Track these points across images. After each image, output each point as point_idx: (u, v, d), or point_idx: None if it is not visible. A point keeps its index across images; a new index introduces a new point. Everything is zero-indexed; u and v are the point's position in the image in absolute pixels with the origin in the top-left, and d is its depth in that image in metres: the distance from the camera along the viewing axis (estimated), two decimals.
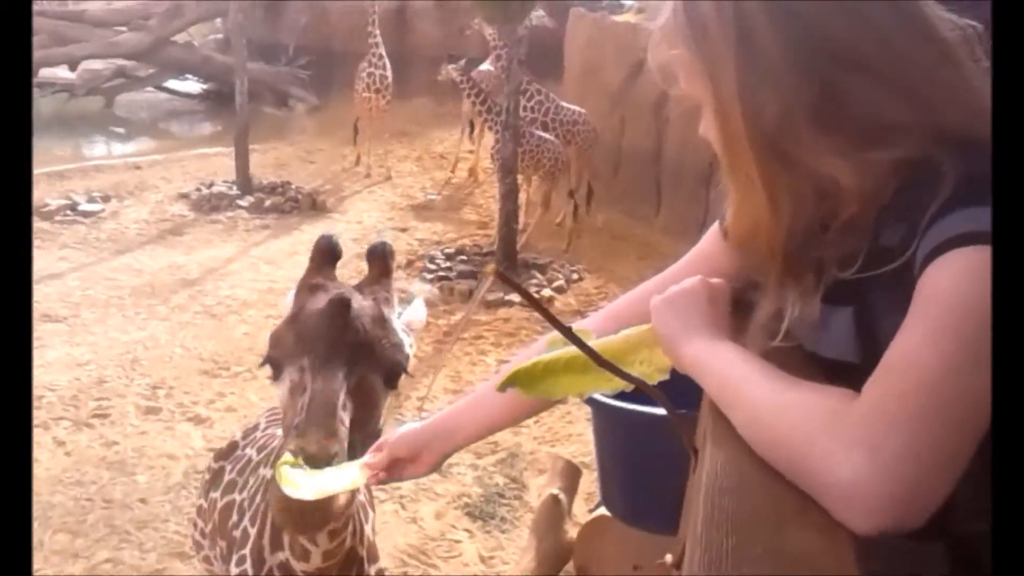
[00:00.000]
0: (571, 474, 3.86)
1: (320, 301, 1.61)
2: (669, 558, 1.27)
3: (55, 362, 5.68)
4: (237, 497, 2.19)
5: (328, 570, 1.87)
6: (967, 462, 0.89)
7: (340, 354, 1.54)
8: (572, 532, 3.38)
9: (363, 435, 1.60)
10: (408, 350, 1.72)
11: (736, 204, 1.19)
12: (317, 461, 1.40)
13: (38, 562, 3.70)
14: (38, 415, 4.95)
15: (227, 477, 2.34)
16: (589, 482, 3.84)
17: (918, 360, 0.91)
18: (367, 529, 2.06)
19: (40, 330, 6.19)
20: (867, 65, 1.03)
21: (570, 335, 1.12)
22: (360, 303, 1.62)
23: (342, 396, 1.50)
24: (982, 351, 0.87)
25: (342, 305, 1.56)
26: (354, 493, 1.78)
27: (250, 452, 2.34)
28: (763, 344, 1.14)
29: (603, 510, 2.39)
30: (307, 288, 1.68)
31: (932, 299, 0.94)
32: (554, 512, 3.59)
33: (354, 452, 1.54)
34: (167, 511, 4.07)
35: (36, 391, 5.20)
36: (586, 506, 3.83)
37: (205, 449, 4.65)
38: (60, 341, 6.06)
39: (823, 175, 1.05)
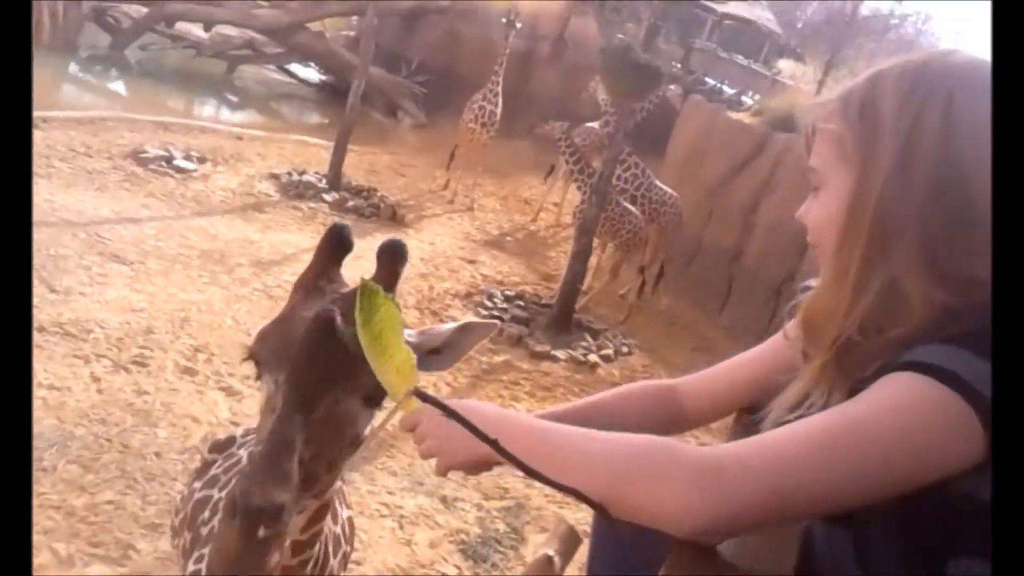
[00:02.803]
0: (571, 540, 3.81)
1: (313, 308, 1.42)
2: None
3: (112, 302, 5.84)
4: (215, 494, 2.11)
5: None
6: (790, 520, 1.04)
7: (313, 380, 1.33)
8: None
9: (327, 459, 1.40)
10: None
11: (822, 287, 1.23)
12: (254, 517, 1.20)
13: (47, 487, 3.79)
14: (83, 348, 5.08)
15: (213, 471, 2.25)
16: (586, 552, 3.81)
17: (790, 440, 1.01)
18: (333, 562, 1.94)
19: (106, 268, 6.38)
20: (975, 227, 1.08)
21: (497, 447, 1.12)
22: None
23: (298, 443, 1.28)
24: (850, 467, 0.97)
25: (326, 325, 1.32)
26: (319, 516, 1.64)
27: (242, 453, 2.25)
28: (778, 417, 1.19)
29: None
30: (303, 287, 1.53)
31: (858, 402, 1.02)
32: (545, 572, 3.56)
33: (317, 482, 1.40)
34: (177, 470, 4.13)
35: (87, 325, 5.35)
36: (579, 574, 3.79)
37: (228, 421, 4.73)
38: (122, 283, 6.22)
39: (902, 291, 1.11)
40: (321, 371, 1.33)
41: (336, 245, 1.58)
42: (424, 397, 1.17)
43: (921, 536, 1.07)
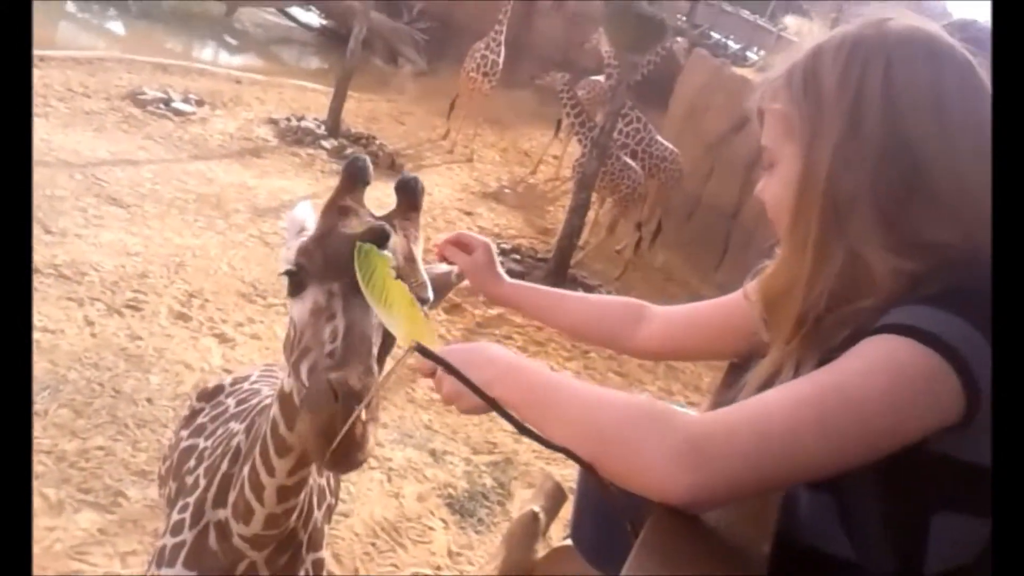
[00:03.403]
0: (557, 496, 3.88)
1: (352, 226, 1.51)
2: None
3: (107, 245, 5.82)
4: (201, 443, 2.10)
5: (265, 540, 1.79)
6: (773, 488, 1.05)
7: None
8: (542, 552, 3.40)
9: (380, 362, 1.48)
10: (429, 294, 1.59)
11: (780, 262, 1.25)
12: (354, 399, 1.29)
13: (37, 431, 3.81)
14: (77, 290, 5.08)
15: (200, 420, 2.25)
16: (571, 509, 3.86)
17: (777, 407, 1.01)
18: (317, 514, 1.98)
19: (102, 210, 6.36)
20: (935, 191, 1.10)
21: (494, 404, 1.14)
22: (393, 238, 1.51)
23: (376, 337, 1.42)
24: (837, 430, 0.98)
25: (382, 235, 1.44)
26: (306, 461, 1.69)
27: (230, 402, 2.26)
28: (750, 395, 1.21)
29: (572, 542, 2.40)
30: (336, 210, 1.57)
31: (836, 367, 1.03)
32: (530, 528, 3.61)
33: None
34: (169, 417, 4.15)
35: (82, 267, 5.34)
36: (563, 531, 3.84)
37: (221, 368, 4.75)
38: (118, 226, 6.21)
39: (863, 261, 1.12)
40: None
41: (356, 178, 1.63)
42: (424, 352, 1.19)
43: (902, 496, 1.09)
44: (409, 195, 1.64)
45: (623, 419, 1.03)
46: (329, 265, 1.47)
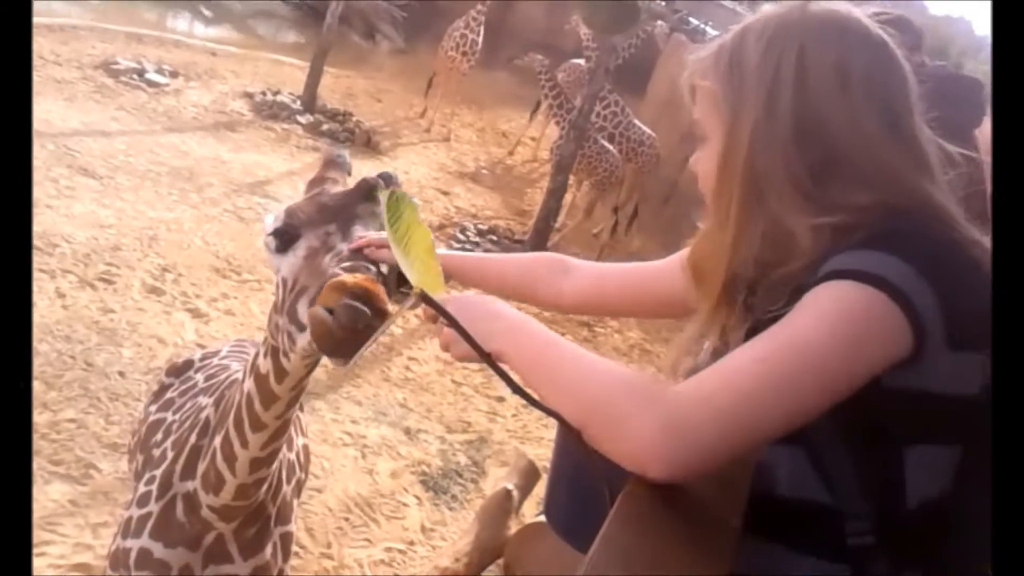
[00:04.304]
0: (530, 474, 3.90)
1: (334, 192, 1.62)
2: None
3: (79, 216, 5.75)
4: (169, 417, 2.11)
5: (235, 511, 1.81)
6: (747, 451, 1.06)
7: (372, 226, 1.53)
8: (515, 529, 3.42)
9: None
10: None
11: (706, 231, 1.33)
12: (371, 301, 1.33)
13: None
14: (48, 262, 5.02)
15: (168, 394, 2.26)
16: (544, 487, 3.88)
17: (744, 366, 1.04)
18: (286, 488, 2.00)
19: (74, 181, 6.28)
20: (849, 161, 1.18)
21: (489, 361, 1.16)
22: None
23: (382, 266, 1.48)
24: (799, 383, 1.02)
25: (373, 183, 1.56)
26: (279, 434, 1.73)
27: (199, 377, 2.27)
28: (677, 359, 1.29)
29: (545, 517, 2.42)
30: (319, 181, 1.70)
31: (787, 321, 1.07)
32: (503, 505, 3.64)
33: None
34: (140, 390, 4.12)
35: (53, 239, 5.27)
36: (536, 509, 3.87)
37: (194, 343, 4.72)
38: (89, 198, 6.13)
39: (784, 229, 1.19)
40: (373, 222, 1.55)
41: (337, 165, 1.76)
42: (427, 300, 1.20)
43: (869, 435, 1.13)
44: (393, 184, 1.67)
45: (611, 390, 1.05)
46: (323, 212, 1.55)
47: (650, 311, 1.74)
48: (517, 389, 1.12)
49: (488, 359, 1.15)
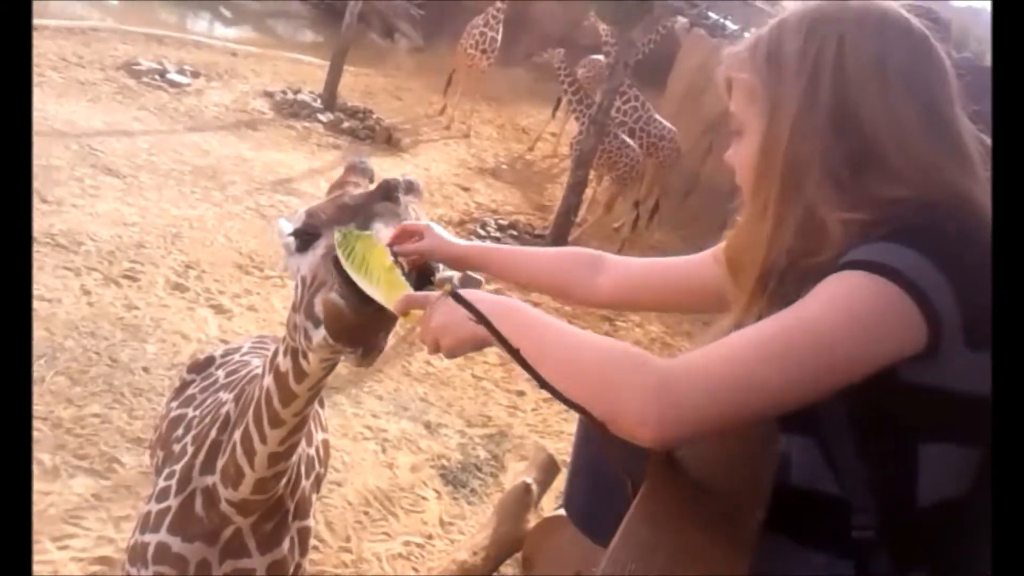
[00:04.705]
0: (549, 468, 3.91)
1: (355, 193, 1.62)
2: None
3: (103, 215, 5.82)
4: (190, 412, 2.12)
5: (254, 505, 1.82)
6: (742, 422, 1.08)
7: (392, 223, 1.53)
8: (534, 523, 3.43)
9: None
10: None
11: (743, 223, 1.32)
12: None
13: (34, 398, 3.81)
14: (73, 260, 5.08)
15: (190, 391, 2.27)
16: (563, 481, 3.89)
17: (743, 346, 1.06)
18: (305, 483, 2.01)
19: (98, 180, 6.35)
20: (885, 154, 1.17)
21: (518, 357, 1.16)
22: (404, 197, 1.60)
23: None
24: (800, 362, 1.03)
25: (395, 184, 1.56)
26: (297, 428, 1.75)
27: (219, 373, 2.28)
28: None
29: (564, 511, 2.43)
30: (341, 184, 1.70)
31: (796, 304, 1.09)
32: (522, 500, 3.65)
33: None
34: (164, 386, 4.16)
35: (78, 237, 5.35)
36: (555, 503, 3.87)
37: (218, 338, 4.76)
38: (113, 196, 6.20)
39: (817, 219, 1.19)
40: (395, 221, 1.54)
41: (359, 171, 1.76)
42: (457, 297, 1.23)
43: (878, 428, 1.15)
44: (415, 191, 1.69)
45: (603, 360, 1.08)
46: (343, 211, 1.55)
47: (684, 305, 1.76)
48: (543, 383, 1.13)
49: (516, 354, 1.16)
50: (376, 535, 3.81)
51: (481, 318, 1.19)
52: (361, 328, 1.42)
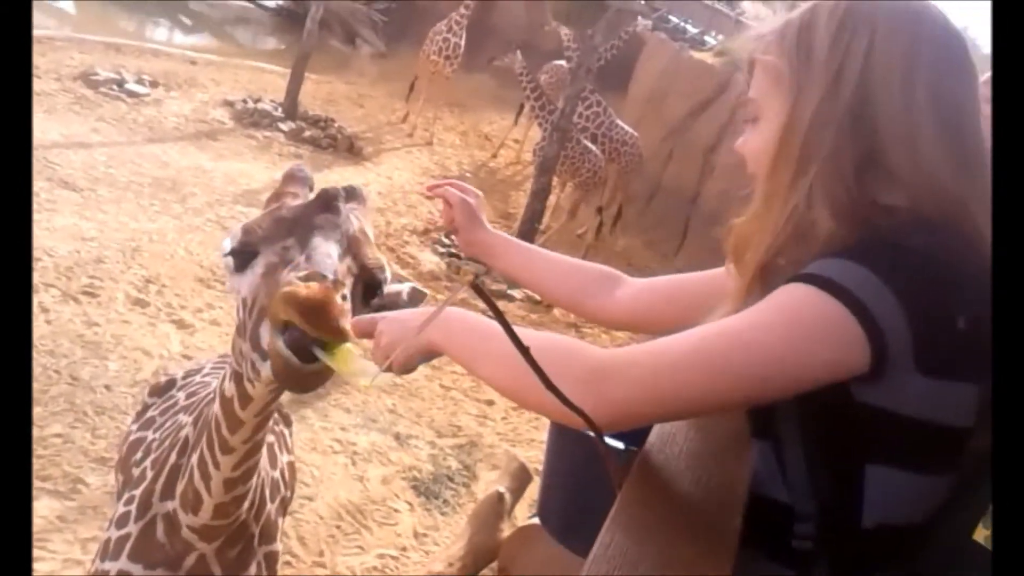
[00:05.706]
0: (522, 477, 3.89)
1: (294, 205, 1.55)
2: None
3: (61, 229, 5.71)
4: (149, 435, 2.06)
5: (216, 531, 1.77)
6: (673, 417, 1.15)
7: (332, 236, 1.47)
8: (508, 532, 3.41)
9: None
10: (386, 274, 1.58)
11: (753, 211, 1.28)
12: (325, 315, 1.28)
13: None
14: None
15: (150, 413, 2.21)
16: (537, 489, 3.88)
17: (678, 345, 1.08)
18: (270, 507, 1.96)
19: (55, 194, 6.24)
20: (891, 162, 1.15)
21: (527, 356, 1.15)
22: (345, 206, 1.55)
23: (340, 254, 1.45)
24: (728, 370, 1.05)
25: (334, 193, 1.50)
26: (250, 454, 1.70)
27: (180, 395, 2.23)
28: None
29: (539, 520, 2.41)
30: (279, 196, 1.63)
31: (740, 314, 1.10)
32: (495, 509, 3.63)
33: None
34: (127, 403, 4.09)
35: (35, 253, 5.22)
36: (529, 511, 3.86)
37: (180, 354, 4.69)
38: (71, 210, 6.09)
39: (813, 215, 1.16)
40: (335, 231, 1.49)
41: (298, 179, 1.70)
42: (479, 291, 1.19)
43: (827, 443, 1.15)
44: (357, 197, 1.64)
45: (538, 351, 1.07)
46: (280, 225, 1.50)
47: (696, 322, 1.71)
48: (550, 385, 1.10)
49: (527, 354, 1.12)
50: (349, 549, 3.77)
51: (498, 316, 1.16)
52: (311, 376, 1.38)
